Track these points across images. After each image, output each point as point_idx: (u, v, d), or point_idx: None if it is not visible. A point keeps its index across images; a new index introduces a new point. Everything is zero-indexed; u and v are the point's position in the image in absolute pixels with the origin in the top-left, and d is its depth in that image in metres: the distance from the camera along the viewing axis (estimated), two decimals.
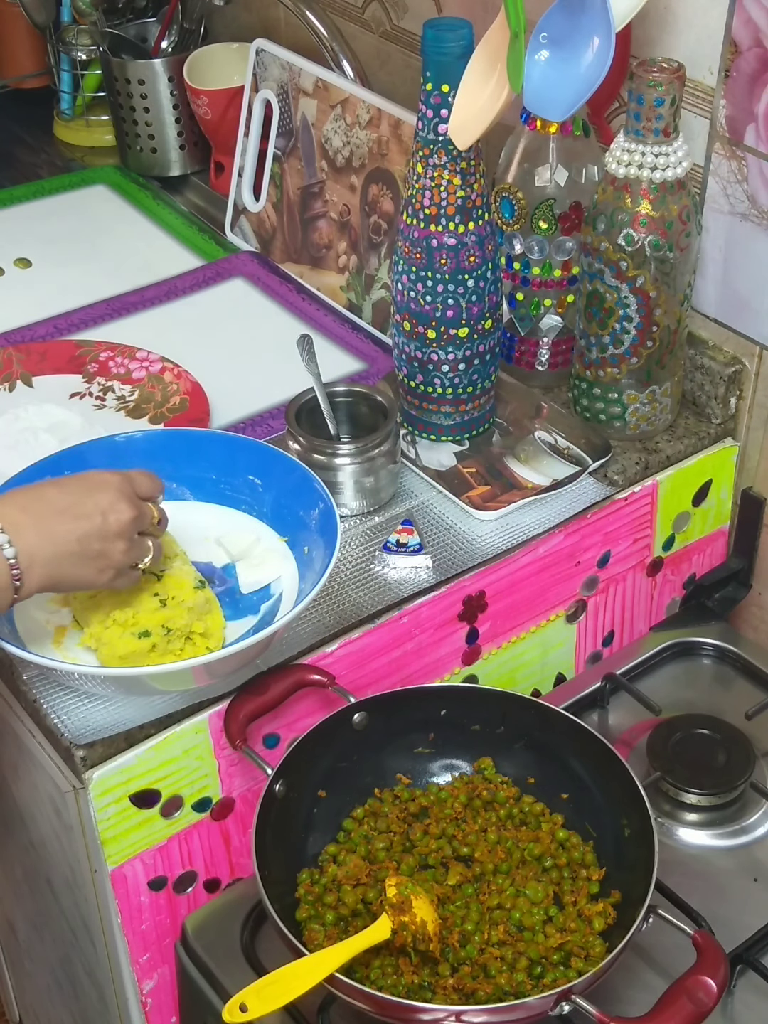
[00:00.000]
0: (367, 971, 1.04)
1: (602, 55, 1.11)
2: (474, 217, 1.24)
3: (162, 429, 1.36)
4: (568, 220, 1.35)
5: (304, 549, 1.16)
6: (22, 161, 2.03)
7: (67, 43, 2.00)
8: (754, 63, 1.23)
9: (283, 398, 1.38)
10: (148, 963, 1.24)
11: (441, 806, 1.17)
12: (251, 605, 1.16)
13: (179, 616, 1.10)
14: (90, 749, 1.09)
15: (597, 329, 1.32)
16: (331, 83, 1.58)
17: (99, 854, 1.15)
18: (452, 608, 1.26)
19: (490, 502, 1.30)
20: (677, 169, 1.23)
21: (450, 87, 1.16)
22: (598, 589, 1.38)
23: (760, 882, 1.21)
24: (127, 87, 1.86)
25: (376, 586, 1.24)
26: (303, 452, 1.25)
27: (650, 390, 1.34)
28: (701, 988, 0.96)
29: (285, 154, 1.66)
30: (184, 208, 1.88)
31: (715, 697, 1.39)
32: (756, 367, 1.38)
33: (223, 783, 1.19)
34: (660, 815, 1.25)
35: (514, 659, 1.35)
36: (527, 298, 1.40)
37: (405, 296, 1.29)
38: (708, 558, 1.49)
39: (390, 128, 1.51)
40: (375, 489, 1.29)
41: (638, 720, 1.34)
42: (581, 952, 1.06)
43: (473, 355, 1.30)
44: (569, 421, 1.38)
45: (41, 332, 1.58)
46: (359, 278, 1.58)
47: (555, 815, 1.17)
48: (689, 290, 1.31)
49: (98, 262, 1.74)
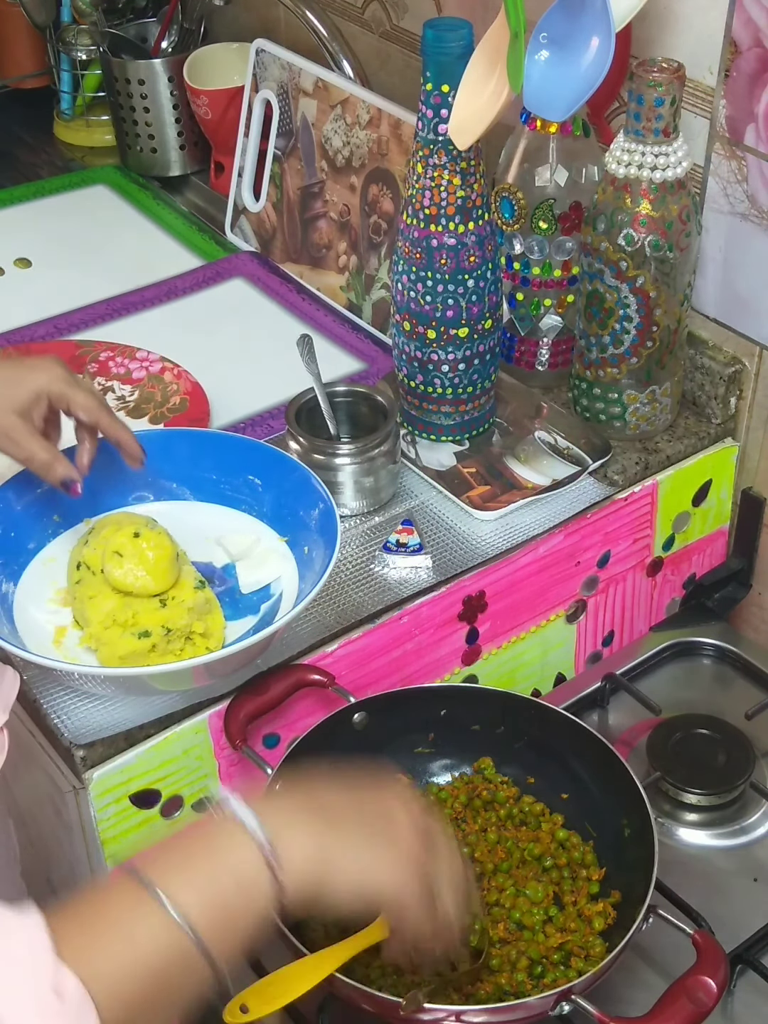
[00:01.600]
0: (367, 971, 1.04)
1: (602, 55, 1.11)
2: (474, 217, 1.24)
3: (162, 429, 1.36)
4: (568, 220, 1.35)
5: (304, 549, 1.16)
6: (22, 161, 2.03)
7: (67, 43, 2.00)
8: (754, 63, 1.23)
9: (283, 398, 1.38)
10: None
11: (441, 806, 1.17)
12: (251, 605, 1.16)
13: (179, 616, 1.10)
14: (90, 749, 1.09)
15: (597, 329, 1.32)
16: (331, 83, 1.58)
17: (99, 854, 1.15)
18: (452, 608, 1.26)
19: (490, 502, 1.30)
20: (677, 169, 1.23)
21: (450, 87, 1.16)
22: (598, 589, 1.38)
23: (760, 882, 1.21)
24: (127, 87, 1.86)
25: (376, 586, 1.24)
26: (303, 452, 1.25)
27: (650, 390, 1.34)
28: (701, 988, 0.96)
29: (285, 154, 1.66)
30: (184, 208, 1.88)
31: (715, 697, 1.39)
32: (756, 367, 1.38)
33: (223, 783, 1.19)
34: (660, 815, 1.25)
35: (514, 659, 1.35)
36: (527, 298, 1.40)
37: (405, 296, 1.29)
38: (708, 558, 1.49)
39: (390, 128, 1.51)
40: (375, 489, 1.29)
41: (638, 720, 1.34)
42: (581, 952, 1.06)
43: (473, 355, 1.30)
44: (569, 421, 1.38)
45: (41, 332, 1.58)
46: (359, 278, 1.58)
47: (555, 815, 1.17)
48: (689, 290, 1.31)
49: (98, 262, 1.74)
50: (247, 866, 0.77)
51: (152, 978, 0.72)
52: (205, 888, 0.76)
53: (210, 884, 0.76)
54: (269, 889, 0.77)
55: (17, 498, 1.16)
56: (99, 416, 1.11)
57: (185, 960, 0.74)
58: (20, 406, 1.08)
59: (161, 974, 0.73)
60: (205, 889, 0.76)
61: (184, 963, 0.74)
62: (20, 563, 1.16)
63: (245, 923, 0.77)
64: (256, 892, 0.77)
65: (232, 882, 0.77)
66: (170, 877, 0.75)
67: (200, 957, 0.74)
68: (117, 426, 1.13)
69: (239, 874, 0.77)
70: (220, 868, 0.77)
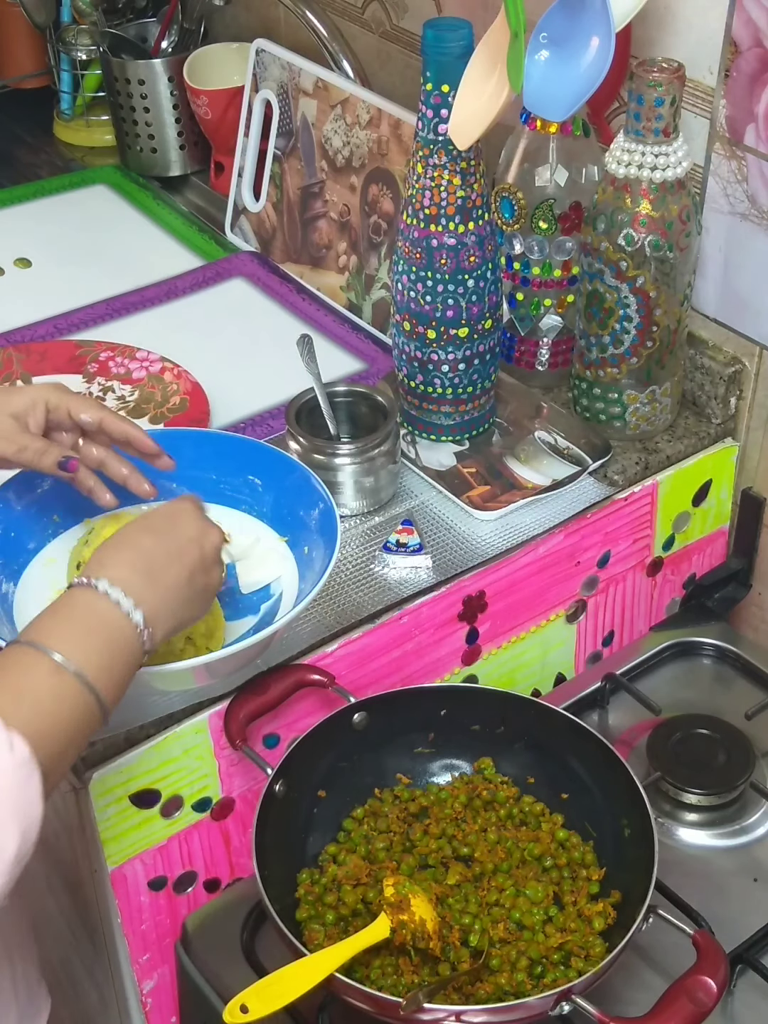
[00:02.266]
0: (367, 971, 1.04)
1: (602, 55, 1.11)
2: (474, 217, 1.24)
3: (162, 429, 1.36)
4: (568, 220, 1.35)
5: (304, 549, 1.16)
6: (22, 161, 2.03)
7: (67, 43, 2.00)
8: (754, 63, 1.23)
9: (283, 398, 1.38)
10: (148, 963, 1.24)
11: (441, 806, 1.17)
12: (251, 605, 1.16)
13: None
14: (90, 749, 1.09)
15: (597, 329, 1.32)
16: (331, 83, 1.58)
17: (99, 854, 1.15)
18: (452, 608, 1.26)
19: (490, 502, 1.30)
20: (677, 169, 1.23)
21: (450, 87, 1.16)
22: (598, 589, 1.38)
23: (760, 882, 1.21)
24: (127, 87, 1.86)
25: (376, 586, 1.24)
26: (303, 452, 1.25)
27: (650, 390, 1.34)
28: (701, 988, 0.96)
29: (285, 154, 1.66)
30: (184, 208, 1.88)
31: (715, 697, 1.39)
32: (756, 367, 1.38)
33: (223, 783, 1.19)
34: (660, 815, 1.25)
35: (514, 659, 1.35)
36: (527, 298, 1.40)
37: (405, 296, 1.29)
38: (708, 558, 1.49)
39: (390, 128, 1.51)
40: (375, 489, 1.29)
41: (638, 720, 1.34)
42: (581, 952, 1.06)
43: (473, 355, 1.30)
44: (569, 421, 1.38)
45: (41, 332, 1.58)
46: (359, 278, 1.58)
47: (555, 815, 1.17)
48: (689, 290, 1.31)
49: (98, 262, 1.74)
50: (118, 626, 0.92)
51: (56, 723, 0.85)
52: (86, 643, 0.90)
53: (89, 637, 0.90)
54: (138, 646, 0.93)
55: (17, 498, 1.16)
56: (103, 414, 1.09)
57: (82, 704, 0.87)
58: (15, 410, 1.07)
59: (63, 719, 0.86)
60: (86, 643, 0.90)
61: (82, 707, 0.87)
62: (20, 563, 1.16)
63: (122, 670, 0.91)
64: (125, 643, 0.92)
65: (107, 637, 0.91)
66: (55, 641, 0.89)
67: (91, 697, 0.88)
68: (123, 423, 1.11)
69: (113, 630, 0.91)
70: (95, 626, 0.91)
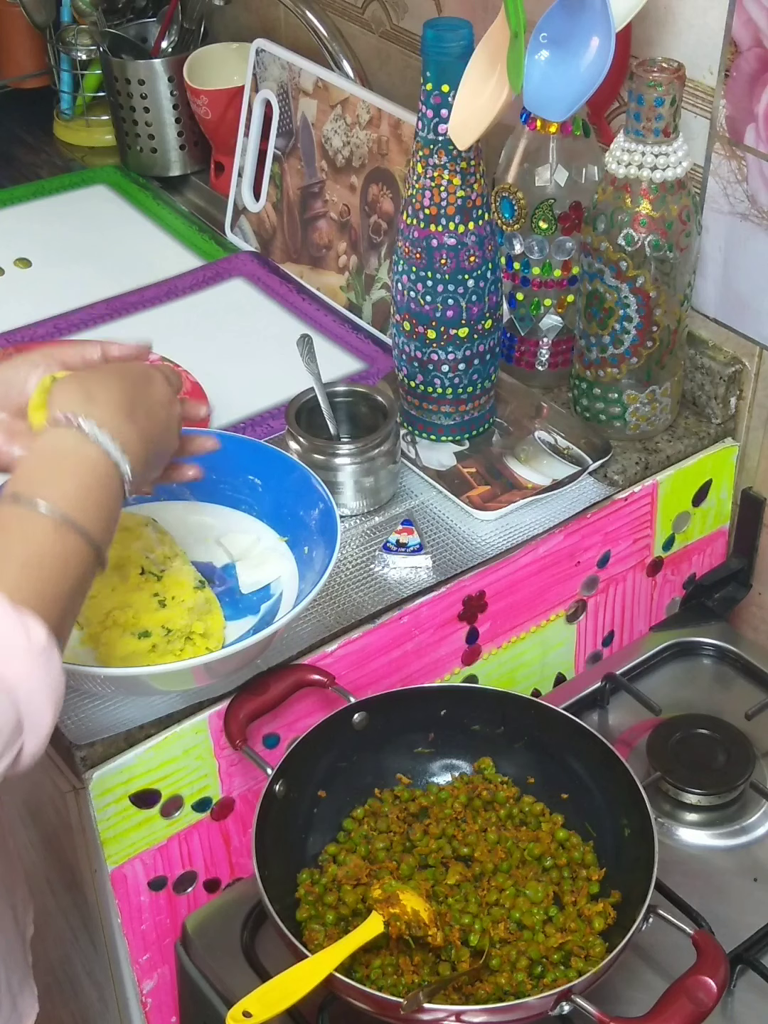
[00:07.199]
0: (367, 971, 1.04)
1: (602, 55, 1.11)
2: (474, 217, 1.24)
3: None
4: (568, 220, 1.35)
5: (304, 549, 1.16)
6: (22, 161, 2.03)
7: (67, 43, 2.00)
8: (754, 63, 1.23)
9: (283, 398, 1.38)
10: (148, 963, 1.24)
11: (441, 806, 1.17)
12: (251, 605, 1.16)
13: (179, 616, 1.10)
14: (90, 749, 1.09)
15: (597, 329, 1.32)
16: (331, 83, 1.58)
17: (99, 854, 1.15)
18: (452, 608, 1.26)
19: (490, 502, 1.30)
20: (677, 169, 1.23)
21: (450, 87, 1.16)
22: (598, 589, 1.38)
23: (760, 882, 1.21)
24: (127, 87, 1.86)
25: (376, 586, 1.24)
26: (303, 452, 1.25)
27: (650, 390, 1.34)
28: (701, 988, 0.96)
29: (285, 154, 1.66)
30: (184, 208, 1.88)
31: (715, 697, 1.39)
32: (756, 367, 1.38)
33: (223, 783, 1.19)
34: (660, 815, 1.25)
35: (514, 659, 1.35)
36: (527, 298, 1.40)
37: (405, 296, 1.29)
38: (708, 558, 1.49)
39: (390, 128, 1.51)
40: (375, 489, 1.29)
41: (638, 720, 1.34)
42: (581, 952, 1.06)
43: (473, 355, 1.30)
44: (569, 421, 1.38)
45: (41, 332, 1.58)
46: (359, 278, 1.58)
47: (555, 815, 1.17)
48: (689, 290, 1.31)
49: (98, 262, 1.74)
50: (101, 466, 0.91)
51: (53, 572, 0.85)
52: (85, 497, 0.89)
53: (73, 480, 0.89)
54: (120, 483, 0.92)
55: None
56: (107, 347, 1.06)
57: (86, 561, 0.87)
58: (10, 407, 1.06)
59: (59, 564, 0.85)
60: (85, 497, 0.89)
61: (85, 564, 0.87)
62: None
63: (108, 507, 0.91)
64: (108, 480, 0.91)
65: (93, 479, 0.90)
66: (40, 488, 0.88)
67: (92, 552, 0.88)
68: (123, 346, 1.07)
69: (98, 472, 0.91)
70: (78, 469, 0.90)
